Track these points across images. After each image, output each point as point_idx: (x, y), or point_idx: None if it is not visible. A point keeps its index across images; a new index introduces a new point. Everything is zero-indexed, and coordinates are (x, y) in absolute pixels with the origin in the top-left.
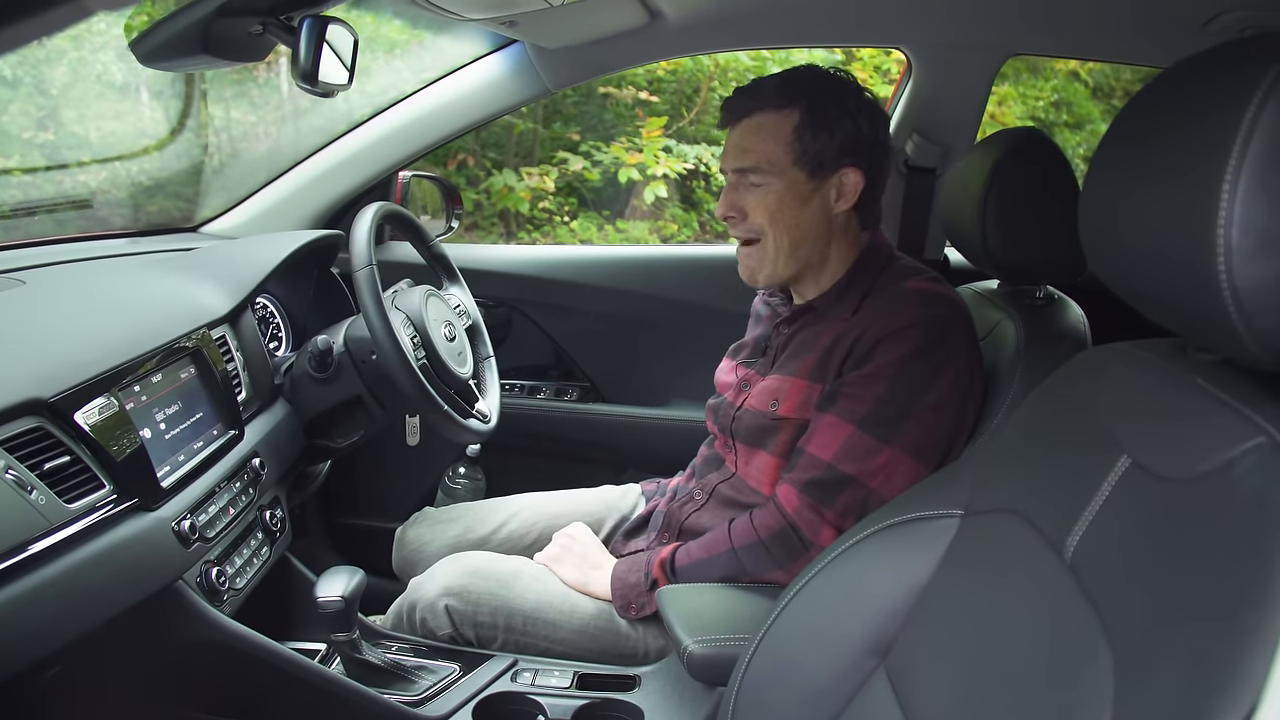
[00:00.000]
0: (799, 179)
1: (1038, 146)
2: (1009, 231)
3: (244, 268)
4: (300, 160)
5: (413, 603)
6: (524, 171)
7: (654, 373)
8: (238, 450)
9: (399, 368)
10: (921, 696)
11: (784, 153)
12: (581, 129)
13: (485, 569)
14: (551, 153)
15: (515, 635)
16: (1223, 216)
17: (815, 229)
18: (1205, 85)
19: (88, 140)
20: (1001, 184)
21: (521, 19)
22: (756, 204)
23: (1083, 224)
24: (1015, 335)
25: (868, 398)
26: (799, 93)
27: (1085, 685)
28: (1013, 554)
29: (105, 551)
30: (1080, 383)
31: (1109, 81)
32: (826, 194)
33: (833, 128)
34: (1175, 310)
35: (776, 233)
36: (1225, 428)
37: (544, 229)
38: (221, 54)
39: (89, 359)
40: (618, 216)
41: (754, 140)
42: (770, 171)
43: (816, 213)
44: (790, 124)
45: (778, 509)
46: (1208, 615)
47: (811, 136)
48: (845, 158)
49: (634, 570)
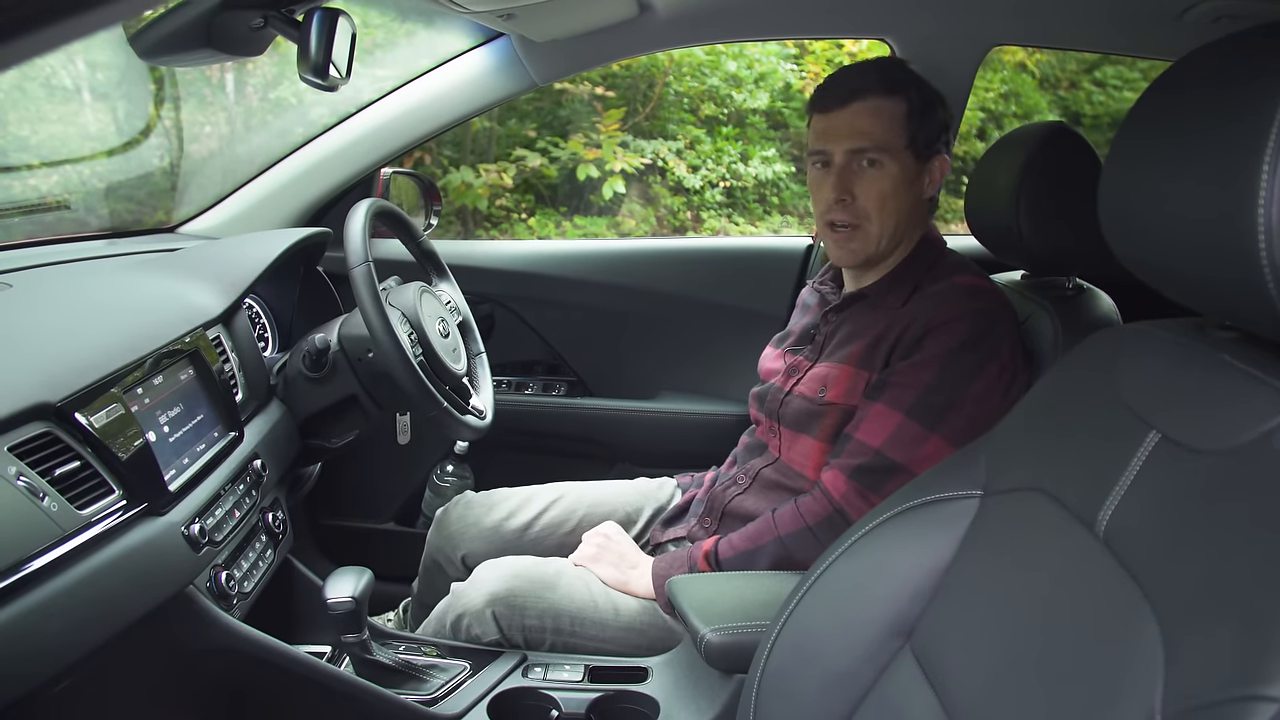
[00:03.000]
0: (910, 163)
1: (1066, 140)
2: (1042, 224)
3: (235, 267)
4: (280, 158)
5: (459, 613)
6: (481, 168)
7: (641, 366)
8: (239, 452)
9: (399, 366)
10: (954, 674)
11: (899, 136)
12: (537, 125)
13: (528, 572)
14: (508, 149)
15: (564, 637)
16: (1262, 198)
17: (912, 213)
18: (1233, 72)
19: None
20: (1034, 177)
21: (519, 11)
22: (868, 187)
23: (1104, 207)
24: (1051, 325)
25: (916, 386)
26: (902, 81)
27: (1133, 652)
28: (1041, 531)
29: (118, 558)
30: (1098, 362)
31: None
32: (924, 179)
33: (931, 116)
34: (1205, 288)
35: (882, 216)
36: (1259, 401)
37: (502, 226)
38: (224, 48)
39: (90, 362)
40: (575, 213)
41: (871, 122)
42: (887, 152)
43: (914, 198)
44: (901, 109)
45: (824, 495)
46: (1258, 578)
47: (919, 122)
48: (940, 144)
49: (675, 565)
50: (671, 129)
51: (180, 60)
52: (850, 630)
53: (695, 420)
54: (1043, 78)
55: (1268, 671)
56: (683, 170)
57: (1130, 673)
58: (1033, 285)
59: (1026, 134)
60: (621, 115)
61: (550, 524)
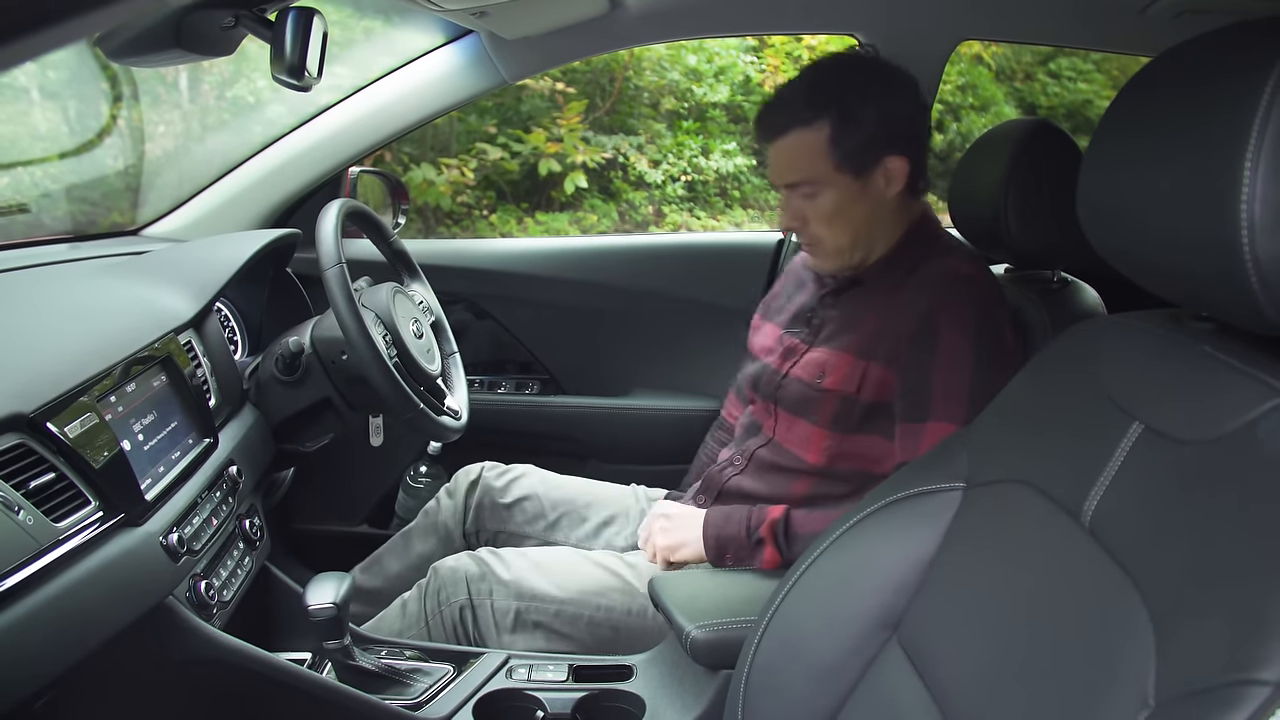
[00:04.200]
0: (845, 182)
1: (1051, 136)
2: (1030, 219)
3: (204, 270)
4: (245, 159)
5: (430, 578)
6: (442, 163)
7: (613, 363)
8: (214, 459)
9: (374, 367)
10: (943, 664)
11: (825, 163)
12: (498, 121)
13: (503, 552)
14: (469, 145)
15: (526, 600)
16: (1245, 193)
17: (871, 218)
18: (1213, 69)
19: None
20: (1022, 173)
21: (492, 9)
22: (813, 213)
23: (1084, 203)
24: (1039, 319)
25: (961, 393)
26: (826, 100)
27: (1122, 638)
28: (1025, 521)
29: (96, 571)
30: (1078, 355)
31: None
32: (875, 185)
33: (866, 124)
34: (1186, 280)
35: (835, 235)
36: (1241, 391)
37: (463, 223)
38: (194, 48)
39: (62, 370)
40: (537, 209)
41: (793, 157)
42: (817, 182)
43: (869, 205)
44: (824, 135)
45: None
46: (1247, 564)
47: (848, 140)
48: (885, 147)
49: (731, 523)
50: (632, 124)
51: (149, 61)
52: (837, 624)
53: (668, 416)
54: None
55: (1259, 656)
56: (644, 165)
57: (1122, 659)
58: (1018, 279)
59: (1011, 130)
60: (583, 109)
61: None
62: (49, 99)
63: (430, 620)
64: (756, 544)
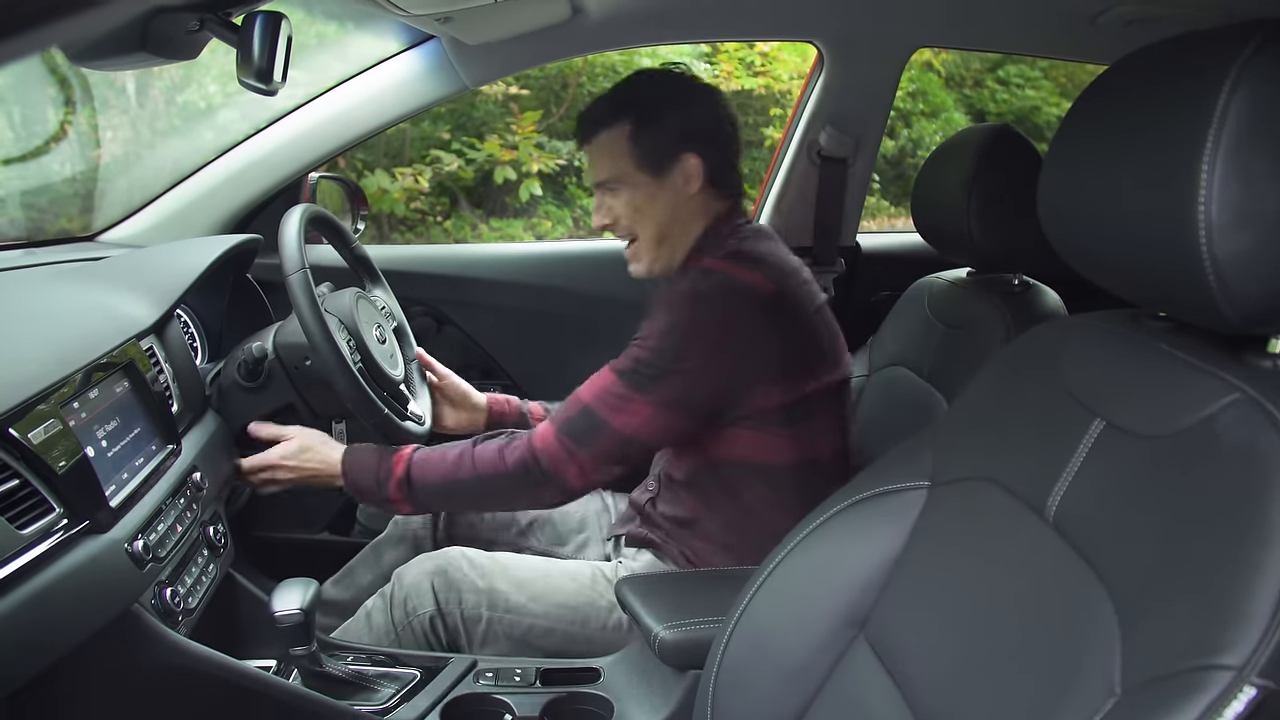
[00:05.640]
0: (644, 180)
1: (1012, 141)
2: (993, 225)
3: (165, 276)
4: (203, 164)
5: (395, 586)
6: (397, 171)
7: (576, 368)
8: (178, 465)
9: (339, 372)
10: (911, 660)
11: (625, 162)
12: (451, 127)
13: (468, 555)
14: (422, 151)
15: (499, 612)
16: (1203, 195)
17: (674, 215)
18: (1171, 74)
19: None
20: (984, 179)
21: (457, 15)
22: (622, 208)
23: (1044, 205)
24: (1003, 321)
25: (629, 358)
26: (626, 105)
27: (1088, 629)
28: (991, 518)
29: (61, 579)
30: (1038, 354)
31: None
32: (674, 183)
33: (663, 126)
34: (1146, 280)
35: (642, 228)
36: (1198, 387)
37: (417, 229)
38: (159, 51)
39: (23, 376)
40: (491, 215)
41: (600, 157)
42: (620, 180)
43: (670, 202)
44: (624, 135)
45: (529, 443)
46: (1209, 554)
47: (646, 140)
48: (681, 146)
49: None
50: None
51: (113, 65)
52: (804, 623)
53: None
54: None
55: (1222, 642)
56: None
57: (1088, 650)
58: (981, 283)
59: (974, 137)
60: (538, 118)
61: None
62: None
63: (400, 631)
64: (387, 500)
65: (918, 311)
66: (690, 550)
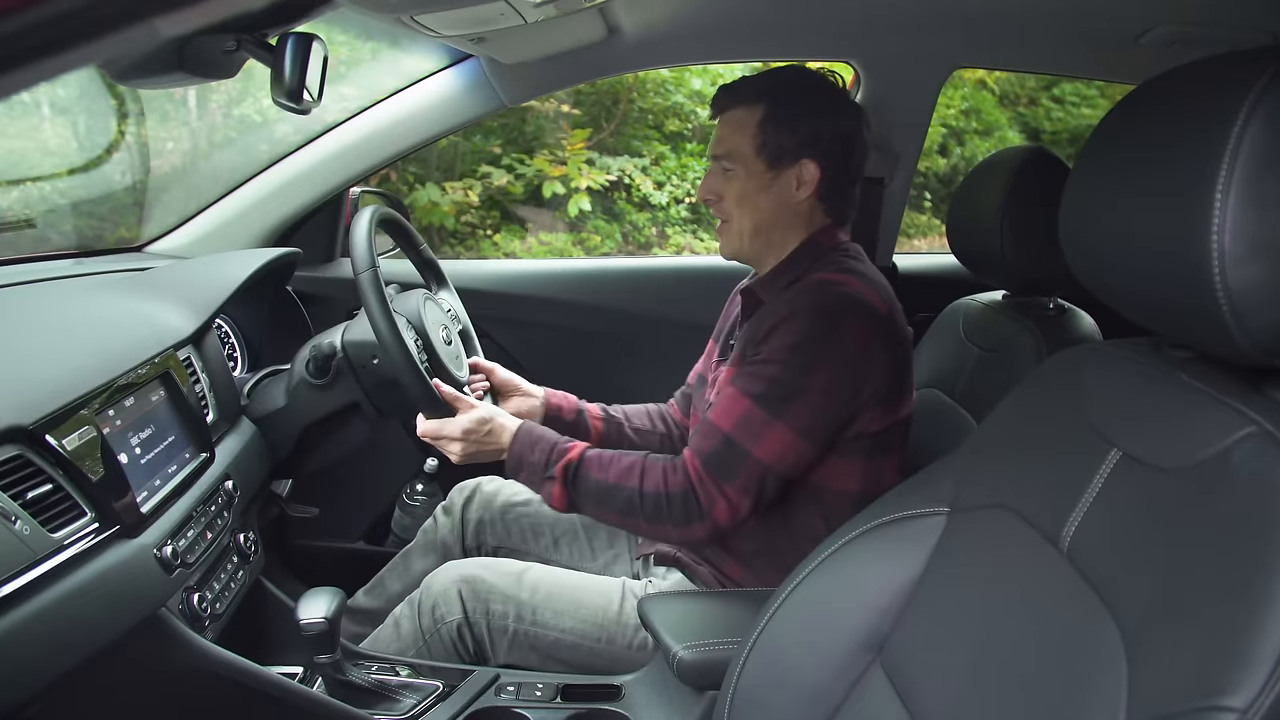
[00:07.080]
0: (760, 168)
1: (1046, 163)
2: (1026, 246)
3: (205, 288)
4: (248, 177)
5: (423, 593)
6: (447, 186)
7: (610, 384)
8: (210, 473)
9: (406, 371)
10: (923, 687)
11: (748, 144)
12: (503, 142)
13: (496, 565)
14: (474, 166)
15: (525, 625)
16: (1215, 224)
17: (775, 214)
18: (1188, 101)
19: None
20: (1018, 201)
21: (490, 35)
22: (728, 189)
23: (1066, 229)
24: (1035, 344)
25: (762, 378)
26: (766, 90)
27: (1096, 662)
28: (1007, 546)
29: (90, 582)
30: (1060, 381)
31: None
32: (787, 183)
33: (795, 123)
34: (1162, 309)
35: (741, 215)
36: (1215, 419)
37: (467, 243)
38: (196, 71)
39: (62, 384)
40: (541, 229)
41: (726, 131)
42: (736, 159)
43: (776, 200)
44: (755, 119)
45: (684, 471)
46: (1219, 589)
47: (774, 130)
48: (805, 151)
49: (537, 449)
50: (636, 145)
51: (153, 83)
52: (822, 646)
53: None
54: (1002, 94)
55: (1228, 682)
56: (648, 186)
57: (1095, 685)
58: (1015, 305)
59: (1007, 158)
60: (588, 135)
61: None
62: (59, 115)
63: (428, 638)
64: (548, 478)
65: (952, 334)
66: (722, 572)
